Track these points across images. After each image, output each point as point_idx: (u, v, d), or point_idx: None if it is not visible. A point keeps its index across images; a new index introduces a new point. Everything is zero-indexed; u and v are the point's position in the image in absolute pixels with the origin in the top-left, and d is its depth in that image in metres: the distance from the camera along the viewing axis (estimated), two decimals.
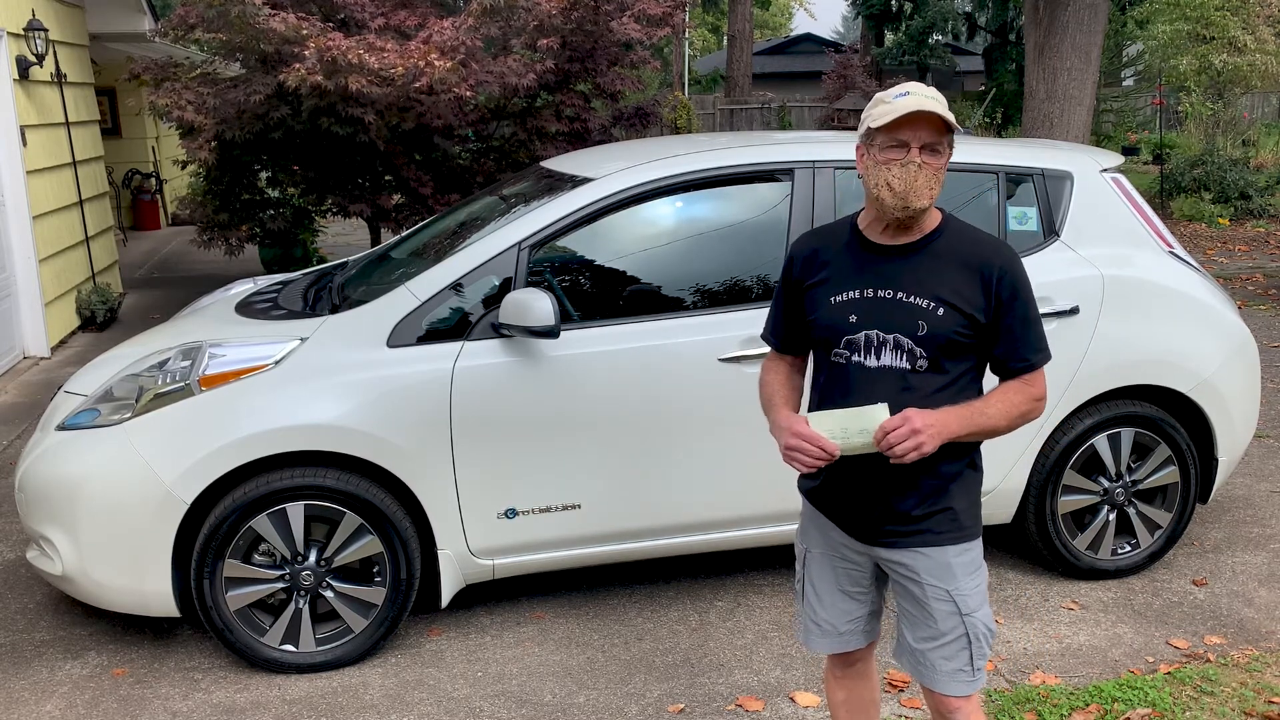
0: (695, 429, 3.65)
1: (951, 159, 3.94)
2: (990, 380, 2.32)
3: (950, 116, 2.16)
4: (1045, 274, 3.89)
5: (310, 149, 8.54)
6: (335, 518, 3.44)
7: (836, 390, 2.29)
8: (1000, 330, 2.24)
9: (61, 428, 3.57)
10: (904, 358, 2.22)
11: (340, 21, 8.21)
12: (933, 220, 2.28)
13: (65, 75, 8.55)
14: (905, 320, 2.21)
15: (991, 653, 2.32)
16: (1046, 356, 2.28)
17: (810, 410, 2.32)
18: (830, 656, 2.56)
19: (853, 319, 2.25)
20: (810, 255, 2.37)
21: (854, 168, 3.91)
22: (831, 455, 2.17)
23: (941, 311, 2.20)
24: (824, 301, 2.30)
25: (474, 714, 3.29)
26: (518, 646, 3.67)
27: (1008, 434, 2.29)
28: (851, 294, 2.27)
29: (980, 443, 2.33)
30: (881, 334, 2.23)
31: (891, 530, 2.29)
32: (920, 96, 2.16)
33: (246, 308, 4.09)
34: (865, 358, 2.24)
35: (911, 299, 2.22)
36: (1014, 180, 4.03)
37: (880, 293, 2.24)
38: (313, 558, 3.47)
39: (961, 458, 2.29)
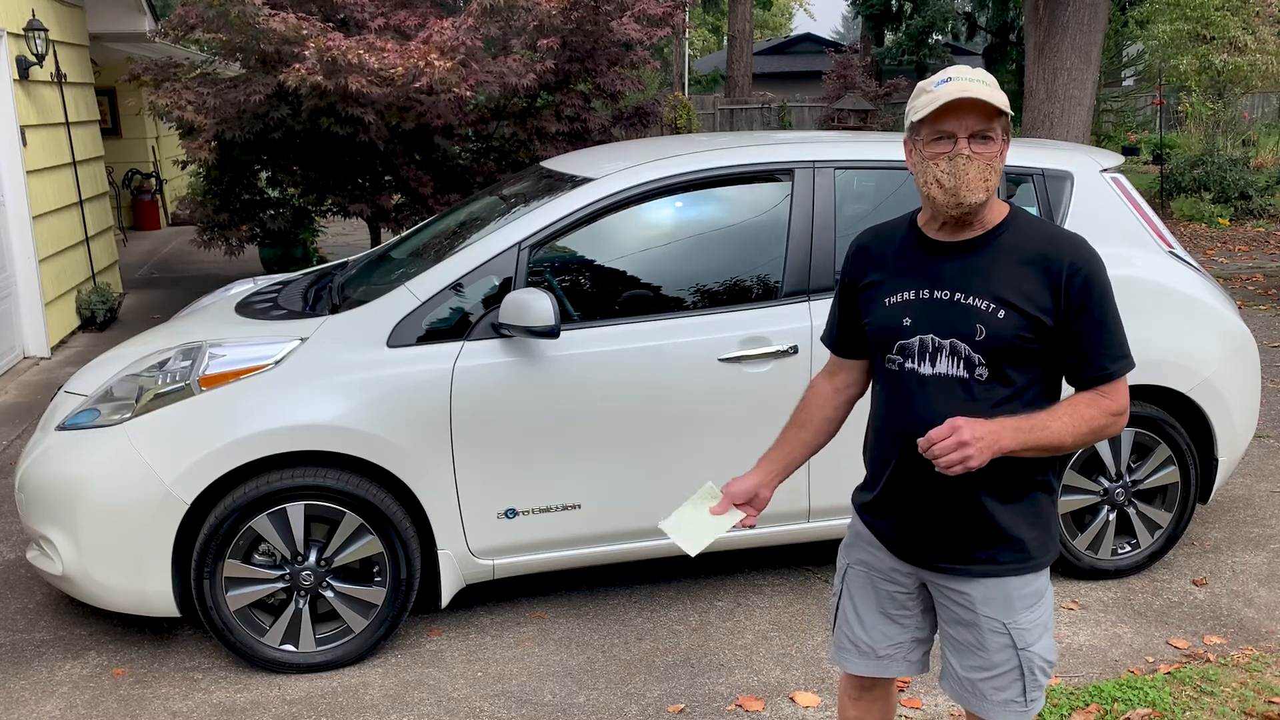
0: (695, 429, 3.65)
1: None
2: (1068, 392, 2.12)
3: (999, 99, 1.96)
4: None
5: (310, 149, 8.54)
6: (335, 518, 3.44)
7: (891, 400, 2.13)
8: (1072, 335, 2.02)
9: (61, 428, 3.57)
10: (961, 365, 2.03)
11: (340, 21, 8.21)
12: (998, 214, 2.08)
13: (65, 75, 8.55)
14: (962, 323, 2.02)
15: (1049, 679, 2.20)
16: (1129, 365, 2.06)
17: (869, 431, 2.26)
18: (850, 676, 2.41)
19: (907, 322, 2.08)
20: (865, 254, 2.21)
21: (854, 167, 3.91)
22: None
23: (1002, 314, 2.00)
24: (878, 303, 2.13)
25: (474, 714, 3.29)
26: (518, 646, 3.67)
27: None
28: (906, 295, 2.09)
29: (1058, 461, 2.13)
30: (938, 338, 2.04)
31: (949, 555, 2.12)
32: (963, 81, 1.96)
33: (246, 308, 4.09)
34: (920, 364, 2.07)
35: (969, 300, 2.02)
36: (1014, 180, 4.03)
37: (937, 294, 2.06)
38: (313, 558, 3.46)
39: (1034, 478, 2.10)
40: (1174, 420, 4.02)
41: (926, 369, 2.06)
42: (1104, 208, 4.07)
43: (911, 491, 2.13)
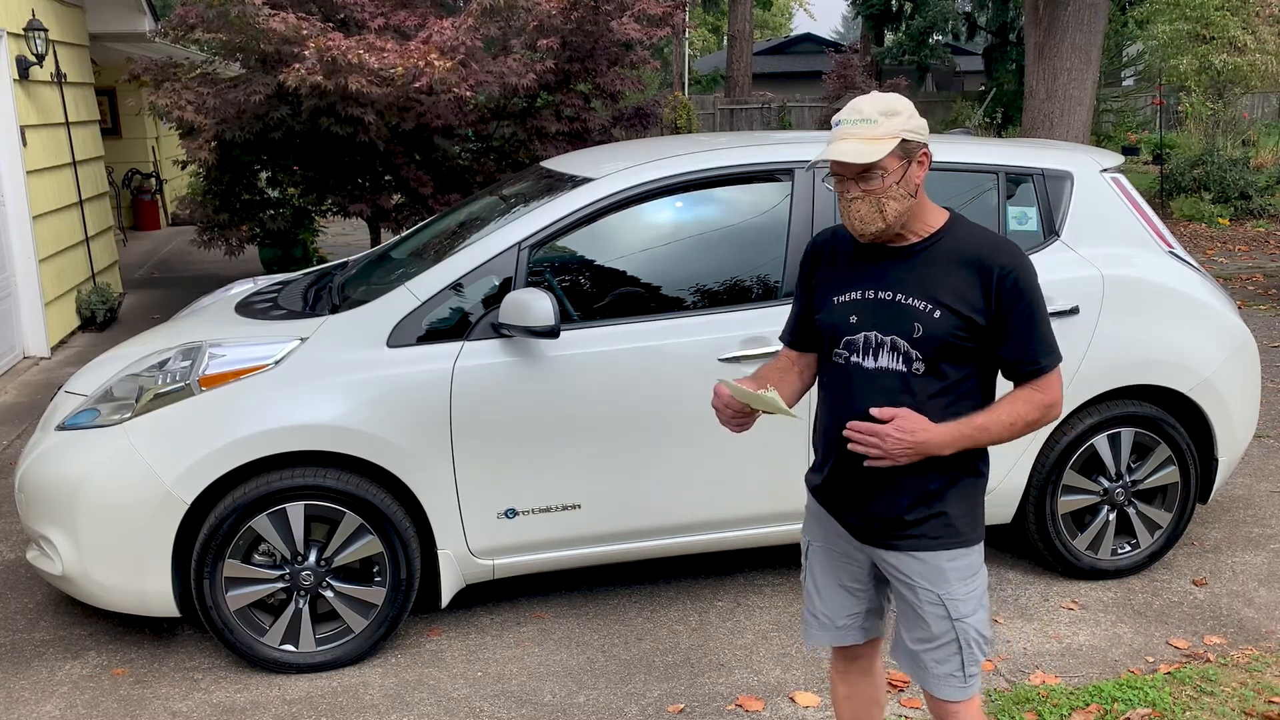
0: (695, 429, 3.65)
1: (952, 159, 3.96)
2: (1003, 385, 2.28)
3: (870, 151, 2.10)
4: (1045, 274, 3.88)
5: (310, 149, 8.54)
6: (335, 518, 3.44)
7: (837, 391, 2.31)
8: (1004, 333, 2.20)
9: (61, 428, 3.57)
10: (900, 360, 2.21)
11: (340, 21, 8.21)
12: (936, 220, 2.26)
13: (65, 75, 8.55)
14: (901, 322, 2.20)
15: (985, 657, 2.35)
16: (1057, 359, 2.23)
17: (818, 416, 2.39)
18: (834, 652, 2.57)
19: (853, 320, 2.26)
20: (819, 255, 2.39)
21: None
22: (736, 406, 2.28)
23: (938, 314, 2.18)
24: (829, 301, 2.31)
25: (474, 714, 3.29)
26: (518, 646, 3.67)
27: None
28: (853, 294, 2.27)
29: (986, 448, 2.30)
30: (880, 335, 2.23)
31: (886, 532, 2.30)
32: (846, 126, 2.15)
33: (246, 308, 4.09)
34: (864, 359, 2.25)
35: (909, 301, 2.21)
36: (1014, 180, 4.03)
37: (880, 294, 2.24)
38: (313, 558, 3.46)
39: (960, 463, 2.27)
40: (1174, 420, 4.02)
41: (870, 363, 2.25)
42: (1104, 208, 4.07)
43: (853, 475, 2.30)
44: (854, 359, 2.26)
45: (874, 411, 2.16)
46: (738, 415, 2.31)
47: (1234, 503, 4.83)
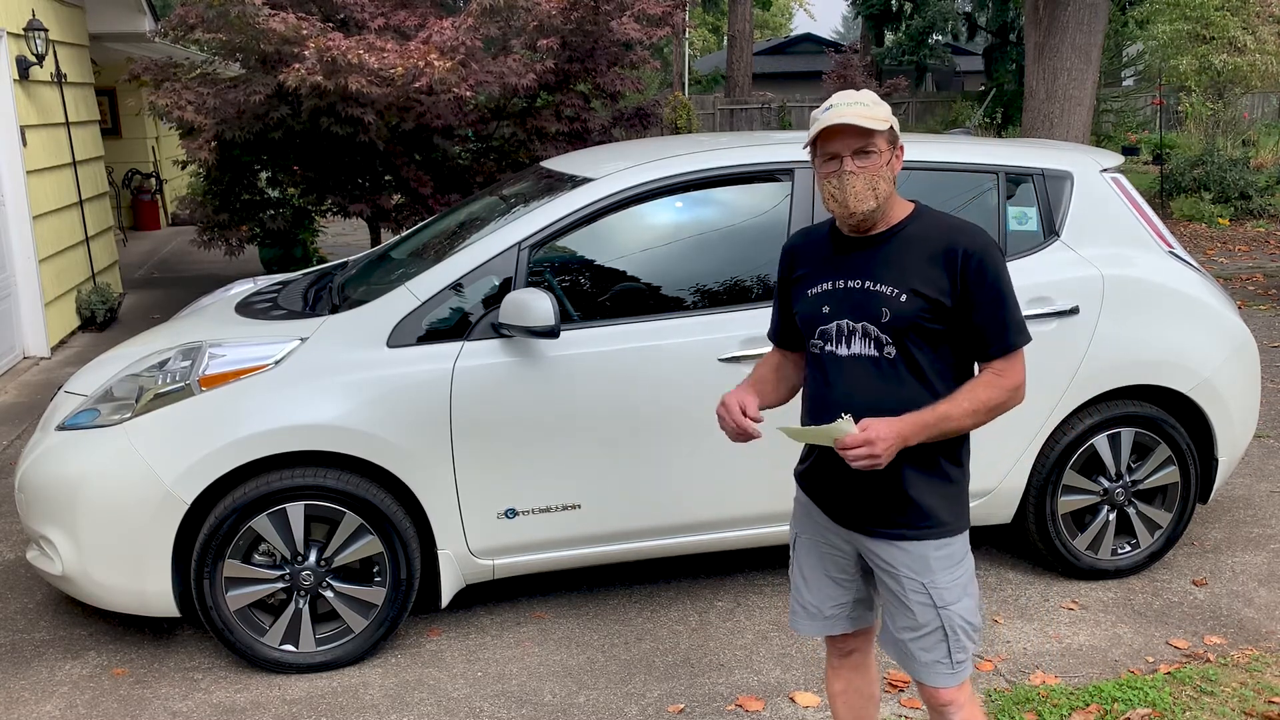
0: (695, 429, 3.65)
1: (952, 159, 3.96)
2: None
3: (871, 120, 2.20)
4: (1045, 274, 3.89)
5: (310, 149, 8.54)
6: (335, 518, 3.44)
7: (816, 380, 2.38)
8: (973, 313, 2.26)
9: (61, 428, 3.57)
10: (871, 345, 2.28)
11: (340, 21, 8.21)
12: (902, 210, 2.34)
13: (65, 75, 8.55)
14: (871, 308, 2.27)
15: (975, 646, 2.41)
16: (1026, 338, 2.29)
17: (802, 409, 2.44)
18: (829, 647, 2.60)
19: (826, 310, 2.34)
20: (794, 253, 2.48)
21: None
22: (748, 435, 2.32)
23: (905, 298, 2.25)
24: (803, 295, 2.40)
25: (474, 714, 3.29)
26: (518, 646, 3.67)
27: (1001, 429, 2.32)
28: (826, 286, 2.36)
29: (964, 438, 2.36)
30: (851, 323, 2.30)
31: (870, 520, 2.34)
32: (841, 107, 2.23)
33: (246, 308, 4.09)
34: (837, 347, 2.32)
35: (877, 287, 2.28)
36: (1014, 180, 4.03)
37: (850, 283, 2.32)
38: (313, 558, 3.47)
39: (938, 455, 2.32)
40: (1174, 420, 4.02)
41: (843, 350, 2.32)
42: (1104, 208, 4.07)
43: (836, 463, 2.32)
44: (828, 348, 2.33)
45: (847, 436, 2.16)
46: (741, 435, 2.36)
47: (1234, 503, 4.83)
